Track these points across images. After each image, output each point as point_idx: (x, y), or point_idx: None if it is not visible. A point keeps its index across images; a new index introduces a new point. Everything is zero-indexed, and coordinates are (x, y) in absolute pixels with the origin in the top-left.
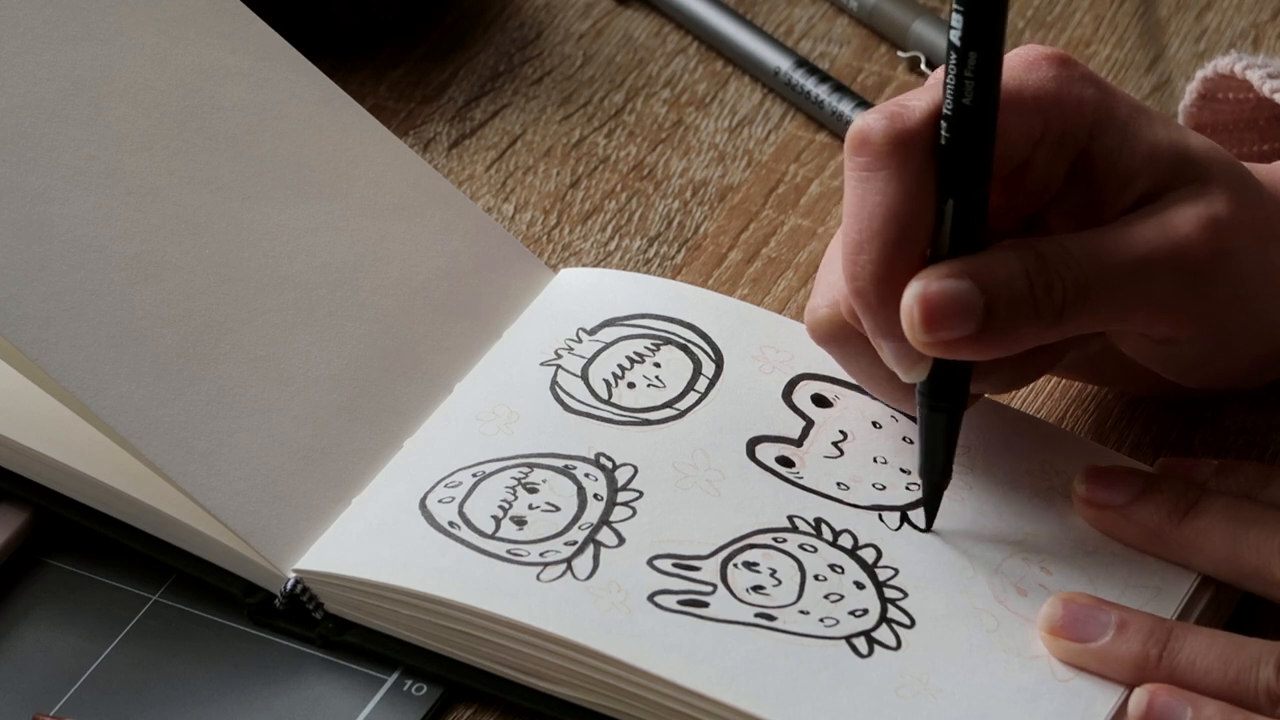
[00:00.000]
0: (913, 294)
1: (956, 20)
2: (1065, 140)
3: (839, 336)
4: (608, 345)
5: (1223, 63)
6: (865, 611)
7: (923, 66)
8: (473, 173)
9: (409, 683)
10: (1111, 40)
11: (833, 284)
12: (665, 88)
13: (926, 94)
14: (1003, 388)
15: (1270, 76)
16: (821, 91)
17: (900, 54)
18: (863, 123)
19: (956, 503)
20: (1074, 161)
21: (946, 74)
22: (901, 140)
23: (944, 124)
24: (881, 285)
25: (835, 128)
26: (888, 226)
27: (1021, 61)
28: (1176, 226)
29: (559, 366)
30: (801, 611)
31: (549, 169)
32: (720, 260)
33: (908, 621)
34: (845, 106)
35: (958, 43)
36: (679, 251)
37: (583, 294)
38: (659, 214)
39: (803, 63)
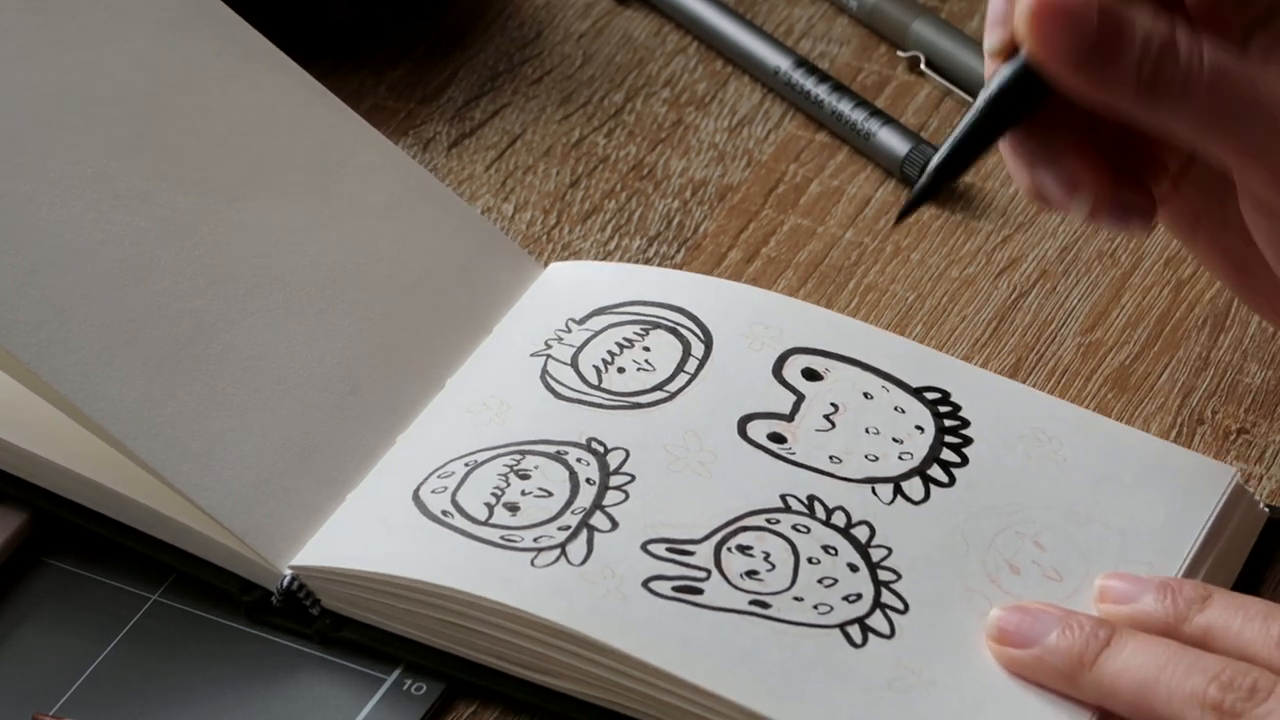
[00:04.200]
0: None
1: None
2: None
3: None
4: (597, 333)
5: None
6: (859, 597)
7: (922, 66)
8: (472, 172)
9: (409, 682)
10: None
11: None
12: (665, 87)
13: None
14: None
15: None
16: (821, 91)
17: (900, 54)
18: None
19: (948, 473)
20: None
21: None
22: None
23: None
24: None
25: (835, 128)
26: None
27: None
28: None
29: (549, 356)
30: (795, 598)
31: (549, 169)
32: (720, 260)
33: (901, 606)
34: (845, 106)
35: None
36: (679, 251)
37: (572, 286)
38: (659, 214)
39: (803, 62)
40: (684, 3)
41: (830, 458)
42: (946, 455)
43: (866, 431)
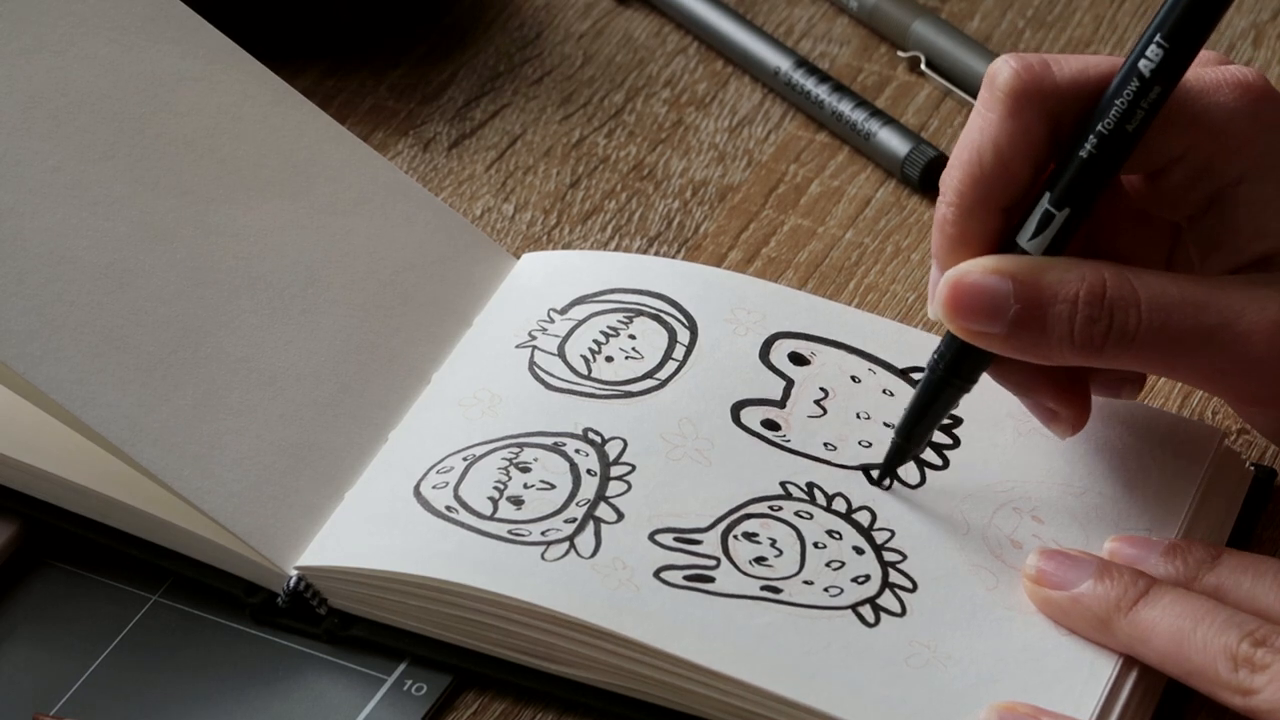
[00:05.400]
0: (948, 276)
1: (1154, 53)
2: (1210, 170)
3: None
4: (580, 322)
5: None
6: (867, 578)
7: (922, 66)
8: (473, 173)
9: (409, 682)
10: (1112, 40)
11: None
12: (665, 88)
13: (1071, 65)
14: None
15: None
16: (821, 91)
17: (900, 54)
18: (1000, 62)
19: (941, 455)
20: (1216, 194)
21: (1117, 95)
22: (1017, 97)
23: (1094, 139)
24: (951, 210)
25: (835, 128)
26: (970, 162)
27: (1212, 82)
28: (1259, 313)
29: (535, 347)
30: (806, 582)
31: (549, 169)
32: (720, 260)
33: (910, 585)
34: (845, 106)
35: (1147, 74)
36: (679, 251)
37: (549, 276)
38: (659, 214)
39: (803, 63)
40: (684, 3)
41: (825, 444)
42: (938, 438)
43: (858, 416)
